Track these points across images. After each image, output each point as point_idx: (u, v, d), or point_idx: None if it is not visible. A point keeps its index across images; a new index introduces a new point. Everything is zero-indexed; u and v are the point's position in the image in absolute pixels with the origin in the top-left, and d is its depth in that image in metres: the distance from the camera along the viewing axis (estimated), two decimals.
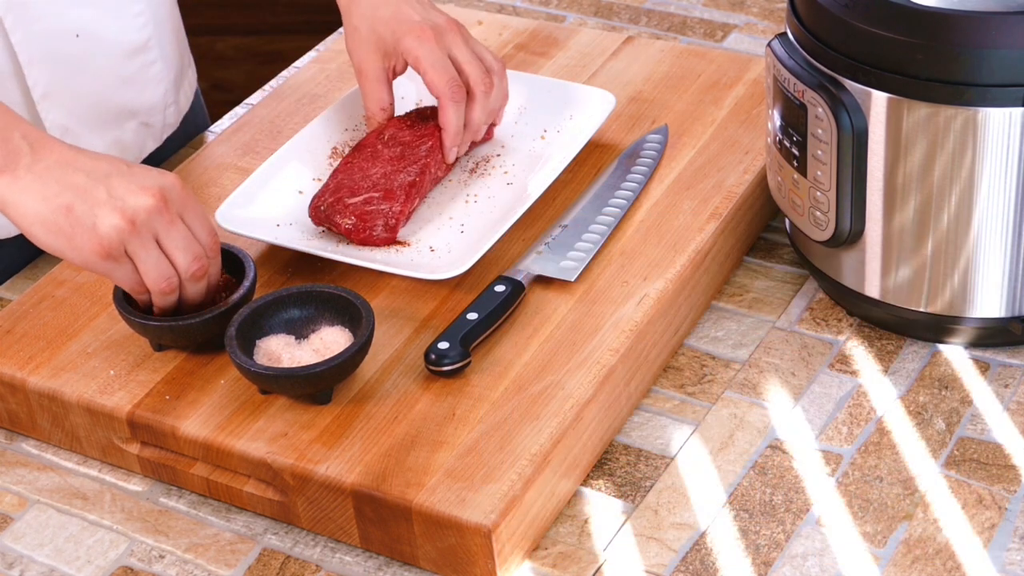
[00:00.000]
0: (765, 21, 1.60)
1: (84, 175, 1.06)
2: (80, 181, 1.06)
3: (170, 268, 1.08)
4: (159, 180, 1.08)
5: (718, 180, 1.26)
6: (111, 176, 1.06)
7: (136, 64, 1.35)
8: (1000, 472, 1.07)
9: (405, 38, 1.24)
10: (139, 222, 1.06)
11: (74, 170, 1.06)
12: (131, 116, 1.37)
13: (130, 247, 1.06)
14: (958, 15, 1.04)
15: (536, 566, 1.04)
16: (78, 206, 1.05)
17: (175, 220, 1.08)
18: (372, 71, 1.27)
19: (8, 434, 1.18)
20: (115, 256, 1.06)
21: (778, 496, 1.07)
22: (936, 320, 1.15)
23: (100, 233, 1.05)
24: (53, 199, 1.05)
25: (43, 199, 1.05)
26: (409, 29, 1.24)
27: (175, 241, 1.08)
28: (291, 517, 1.08)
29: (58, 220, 1.05)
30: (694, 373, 1.17)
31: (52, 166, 1.06)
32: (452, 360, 1.09)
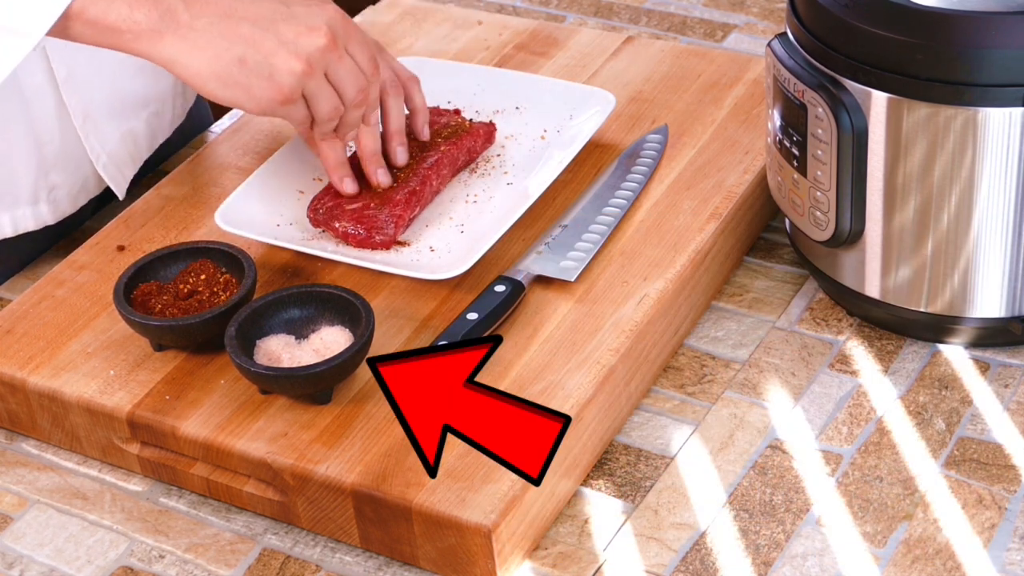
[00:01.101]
0: (765, 21, 1.60)
1: (249, 24, 1.06)
2: (247, 31, 1.06)
3: (338, 99, 1.10)
4: (323, 16, 1.09)
5: (718, 180, 1.26)
6: (276, 21, 1.07)
7: None
8: (1000, 472, 1.07)
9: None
10: (315, 63, 1.08)
11: (238, 20, 1.06)
12: (144, 106, 1.38)
13: (307, 88, 1.08)
14: (958, 15, 1.04)
15: (536, 566, 1.04)
16: (251, 57, 1.06)
17: (343, 55, 1.10)
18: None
19: (8, 434, 1.18)
20: (294, 99, 1.08)
21: (778, 496, 1.07)
22: (936, 320, 1.15)
23: (278, 80, 1.06)
24: (224, 53, 1.06)
25: (214, 55, 1.05)
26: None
27: (343, 74, 1.10)
28: (291, 517, 1.08)
29: (233, 73, 1.06)
30: (694, 373, 1.17)
31: (214, 20, 1.06)
32: None
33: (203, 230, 1.27)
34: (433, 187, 1.24)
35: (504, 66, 1.44)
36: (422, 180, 1.23)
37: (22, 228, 1.32)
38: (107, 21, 1.06)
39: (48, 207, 1.33)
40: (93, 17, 1.06)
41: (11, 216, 1.31)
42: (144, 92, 1.37)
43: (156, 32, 1.06)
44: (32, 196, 1.31)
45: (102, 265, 1.24)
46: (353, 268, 1.20)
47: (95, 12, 1.06)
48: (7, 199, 1.30)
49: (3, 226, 1.31)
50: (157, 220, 1.29)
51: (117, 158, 1.36)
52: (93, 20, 1.06)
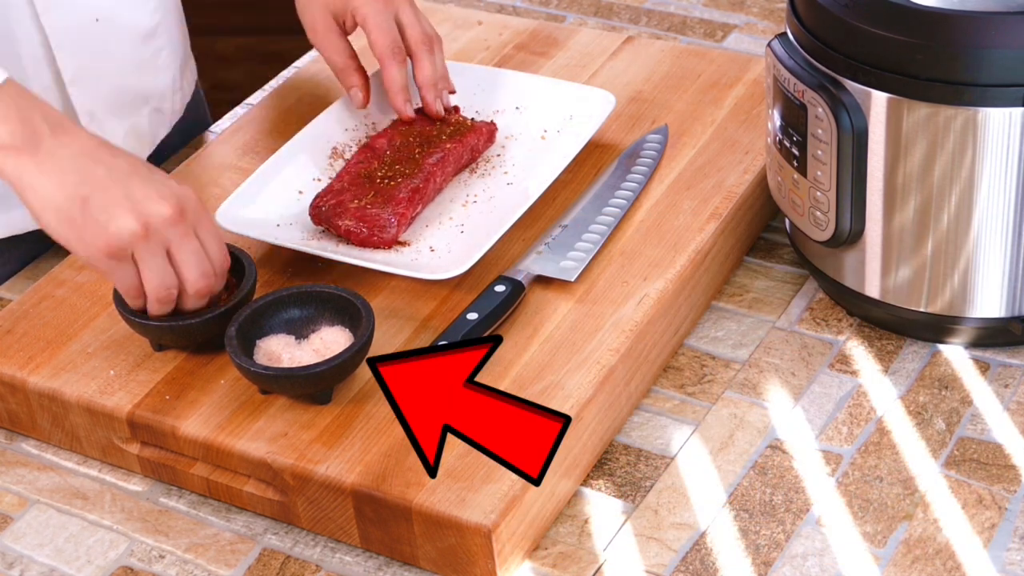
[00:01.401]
0: (765, 21, 1.60)
1: (105, 169, 1.06)
2: (100, 175, 1.05)
3: (173, 278, 1.08)
4: (178, 191, 1.07)
5: (718, 180, 1.26)
6: (132, 176, 1.06)
7: (149, 49, 1.36)
8: (1000, 472, 1.07)
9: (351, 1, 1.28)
10: (152, 229, 1.05)
11: (95, 162, 1.06)
12: (145, 102, 1.38)
13: (138, 252, 1.06)
14: (958, 15, 1.04)
15: (536, 566, 1.04)
16: (95, 200, 1.05)
17: (189, 233, 1.07)
18: (323, 25, 1.30)
19: (8, 434, 1.18)
20: (121, 257, 1.06)
21: (778, 496, 1.07)
22: (936, 320, 1.15)
23: (111, 232, 1.05)
24: (71, 188, 1.05)
25: (60, 187, 1.05)
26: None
27: (186, 255, 1.07)
28: (291, 517, 1.08)
29: (72, 210, 1.05)
30: (694, 373, 1.17)
31: (75, 154, 1.06)
32: None
33: None
34: (436, 185, 1.24)
35: (504, 66, 1.43)
36: (426, 177, 1.23)
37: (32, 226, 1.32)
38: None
39: None
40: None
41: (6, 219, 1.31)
42: (145, 89, 1.38)
43: (15, 150, 1.04)
44: None
45: None
46: (353, 268, 1.20)
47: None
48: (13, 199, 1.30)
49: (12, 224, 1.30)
50: None
51: None
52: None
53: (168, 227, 1.06)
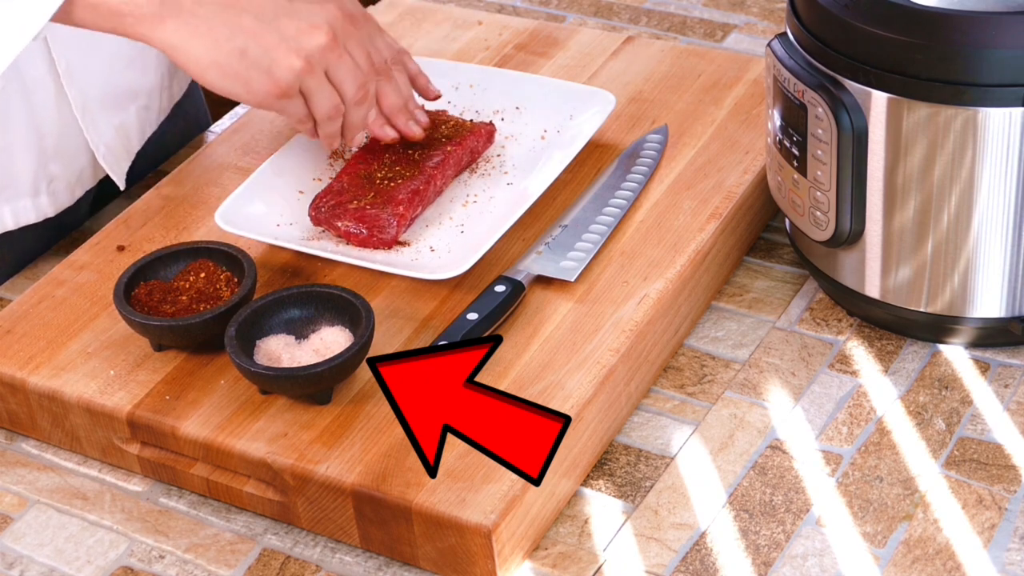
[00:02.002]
0: (765, 21, 1.60)
1: (252, 16, 1.07)
2: (249, 23, 1.06)
3: (338, 98, 1.11)
4: (325, 14, 1.09)
5: (718, 180, 1.26)
6: (279, 16, 1.08)
7: (137, 45, 1.36)
8: (1000, 472, 1.07)
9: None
10: (314, 61, 1.08)
11: (240, 11, 1.07)
12: (134, 98, 1.38)
13: (305, 85, 1.09)
14: (958, 15, 1.04)
15: (536, 566, 1.04)
16: (252, 49, 1.06)
17: (343, 53, 1.10)
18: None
19: (8, 434, 1.18)
20: (290, 94, 1.09)
21: (778, 496, 1.07)
22: (936, 320, 1.15)
23: (276, 76, 1.07)
24: (225, 43, 1.06)
25: (214, 43, 1.06)
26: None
27: (343, 73, 1.10)
28: (291, 517, 1.08)
29: (232, 64, 1.06)
30: (694, 373, 1.17)
31: (217, 8, 1.06)
32: None
33: (203, 230, 1.27)
34: (437, 187, 1.24)
35: (504, 66, 1.43)
36: (427, 179, 1.23)
37: (23, 221, 1.32)
38: (109, 5, 1.06)
39: (48, 199, 1.33)
40: (95, 1, 1.06)
41: (12, 208, 1.31)
42: (134, 85, 1.38)
43: (158, 17, 1.06)
44: (33, 188, 1.31)
45: (102, 265, 1.24)
46: (353, 268, 1.20)
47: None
48: (8, 191, 1.30)
49: (4, 219, 1.31)
50: (157, 220, 1.29)
51: (114, 150, 1.37)
52: (95, 3, 1.06)
53: (326, 55, 1.09)
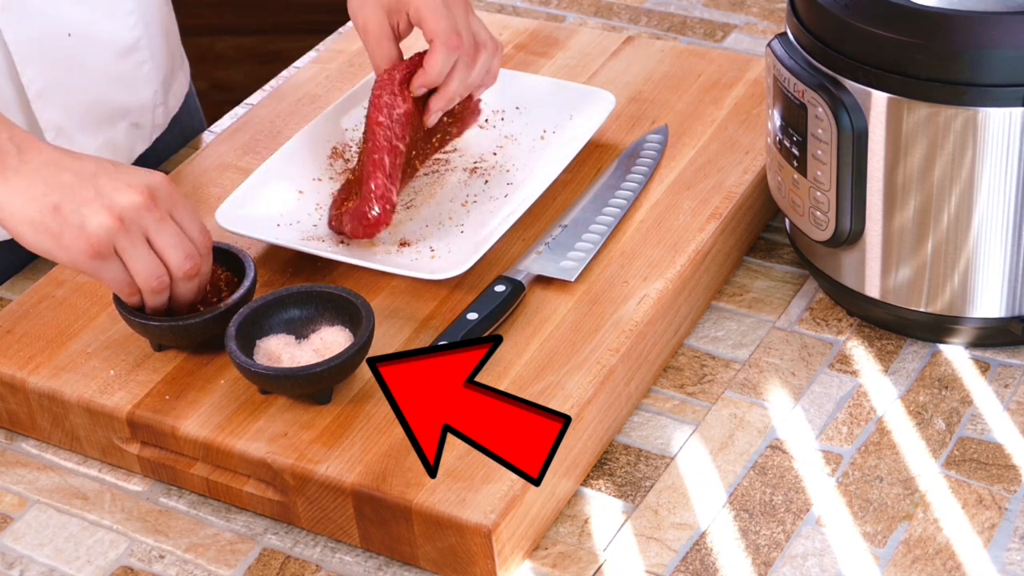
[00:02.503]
0: (765, 21, 1.60)
1: (71, 174, 1.06)
2: (67, 180, 1.06)
3: (161, 266, 1.08)
4: (146, 178, 1.07)
5: (718, 180, 1.26)
6: (98, 175, 1.06)
7: (127, 64, 1.35)
8: (1000, 472, 1.07)
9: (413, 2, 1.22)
10: (128, 219, 1.05)
11: (61, 169, 1.06)
12: (122, 116, 1.37)
13: (119, 245, 1.06)
14: (958, 15, 1.04)
15: (536, 566, 1.04)
16: (66, 205, 1.05)
17: (165, 218, 1.07)
18: (376, 28, 1.24)
19: (8, 434, 1.18)
20: (104, 255, 1.06)
21: (778, 496, 1.07)
22: (936, 320, 1.15)
23: (89, 232, 1.05)
24: (41, 199, 1.05)
25: (31, 199, 1.05)
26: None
27: (166, 239, 1.07)
28: (291, 517, 1.08)
29: (46, 220, 1.05)
30: (694, 373, 1.17)
31: (39, 167, 1.06)
32: None
33: None
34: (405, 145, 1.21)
35: (504, 66, 1.43)
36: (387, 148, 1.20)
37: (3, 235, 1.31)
38: None
39: None
40: None
41: None
42: (122, 104, 1.36)
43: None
44: None
45: None
46: (353, 268, 1.20)
47: None
48: None
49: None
50: None
51: None
52: None
53: (143, 214, 1.06)
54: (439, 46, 1.20)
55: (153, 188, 1.07)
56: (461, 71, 1.22)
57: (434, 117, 1.23)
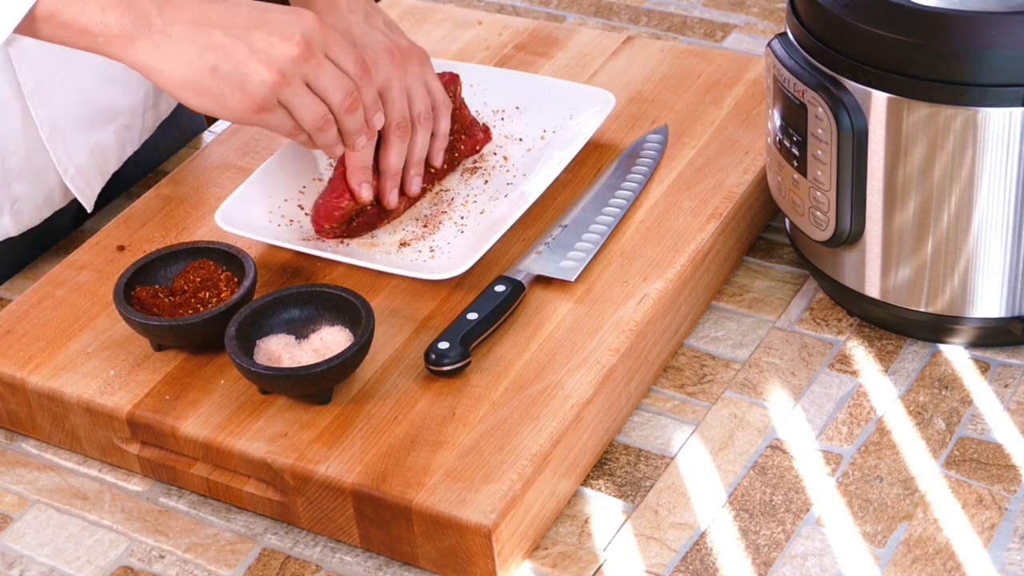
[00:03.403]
0: (765, 21, 1.60)
1: (222, 32, 1.06)
2: (219, 39, 1.06)
3: (323, 107, 1.10)
4: (298, 24, 1.08)
5: (718, 180, 1.26)
6: (249, 29, 1.06)
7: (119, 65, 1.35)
8: (1000, 472, 1.07)
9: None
10: (288, 72, 1.07)
11: (210, 27, 1.06)
12: (113, 118, 1.36)
13: (283, 97, 1.07)
14: (958, 15, 1.04)
15: (536, 566, 1.04)
16: (223, 65, 1.05)
17: (322, 62, 1.08)
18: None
19: (8, 434, 1.18)
20: (269, 108, 1.07)
21: (778, 496, 1.07)
22: (936, 320, 1.15)
23: (250, 90, 1.06)
24: (196, 61, 1.05)
25: (186, 63, 1.05)
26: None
27: (324, 81, 1.09)
28: (291, 517, 1.08)
29: (204, 81, 1.05)
30: (694, 373, 1.17)
31: (187, 26, 1.06)
32: (452, 360, 1.09)
33: (203, 230, 1.27)
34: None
35: (504, 66, 1.43)
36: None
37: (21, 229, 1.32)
38: (79, 24, 1.05)
39: (11, 219, 1.31)
40: (66, 20, 1.05)
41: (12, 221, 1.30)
42: (114, 104, 1.36)
43: (128, 37, 1.05)
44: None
45: (102, 265, 1.24)
46: (353, 268, 1.20)
47: (67, 15, 1.05)
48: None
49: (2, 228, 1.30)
50: (157, 220, 1.29)
51: (85, 171, 1.34)
52: (66, 23, 1.05)
53: (300, 64, 1.07)
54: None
55: (307, 36, 1.07)
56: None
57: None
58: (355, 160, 1.18)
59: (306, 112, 1.09)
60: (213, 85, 1.06)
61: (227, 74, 1.05)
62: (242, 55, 1.05)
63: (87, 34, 1.05)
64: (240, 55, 1.05)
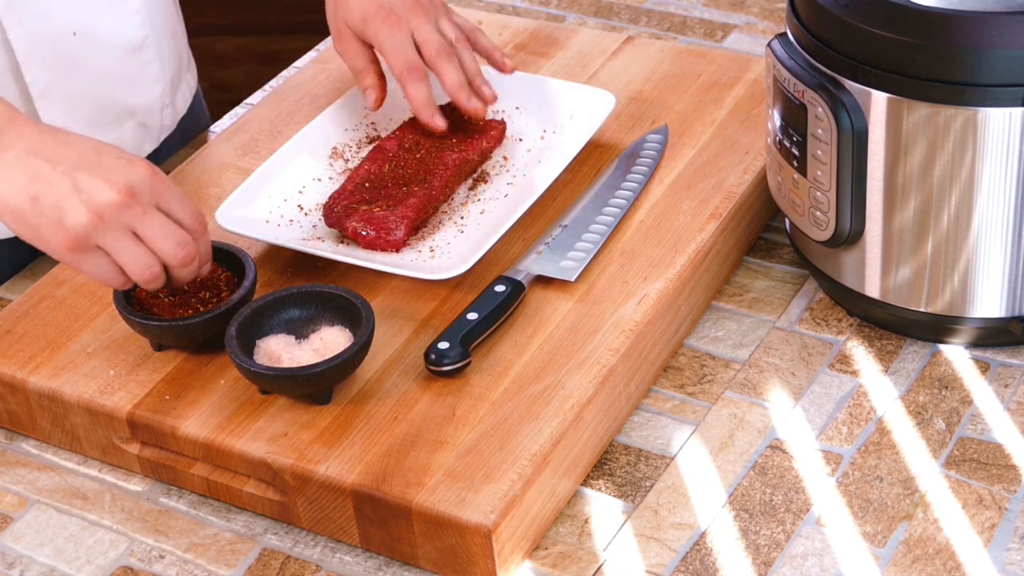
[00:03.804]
0: (765, 21, 1.60)
1: (51, 166, 1.05)
2: (46, 172, 1.05)
3: (150, 257, 1.07)
4: (127, 175, 1.05)
5: (718, 180, 1.26)
6: (78, 168, 1.05)
7: (134, 63, 1.35)
8: (1000, 472, 1.07)
9: (370, 23, 1.27)
10: (107, 217, 1.05)
11: (42, 160, 1.05)
12: (129, 116, 1.37)
13: (102, 241, 1.05)
14: (958, 15, 1.04)
15: (536, 566, 1.04)
16: (44, 198, 1.04)
17: (149, 210, 1.06)
18: (348, 35, 1.29)
19: (8, 434, 1.18)
20: (84, 248, 1.05)
21: (778, 496, 1.07)
22: (936, 320, 1.15)
23: (66, 225, 1.04)
24: (21, 189, 1.05)
25: (11, 189, 1.05)
26: (374, 13, 1.26)
27: (153, 231, 1.06)
28: (291, 517, 1.08)
29: (25, 210, 1.05)
30: (694, 373, 1.17)
31: (21, 154, 1.05)
32: (452, 360, 1.09)
33: None
34: (448, 192, 1.24)
35: None
36: (441, 186, 1.22)
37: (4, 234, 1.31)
38: None
39: None
40: None
41: None
42: (128, 103, 1.36)
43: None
44: None
45: None
46: (353, 268, 1.20)
47: None
48: None
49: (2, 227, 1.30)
50: None
51: None
52: None
53: (123, 212, 1.05)
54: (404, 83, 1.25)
55: (133, 185, 1.05)
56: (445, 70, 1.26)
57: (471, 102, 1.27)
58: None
59: (129, 258, 1.06)
60: (32, 215, 1.05)
61: (47, 207, 1.04)
62: (65, 191, 1.04)
63: None
64: (63, 191, 1.04)
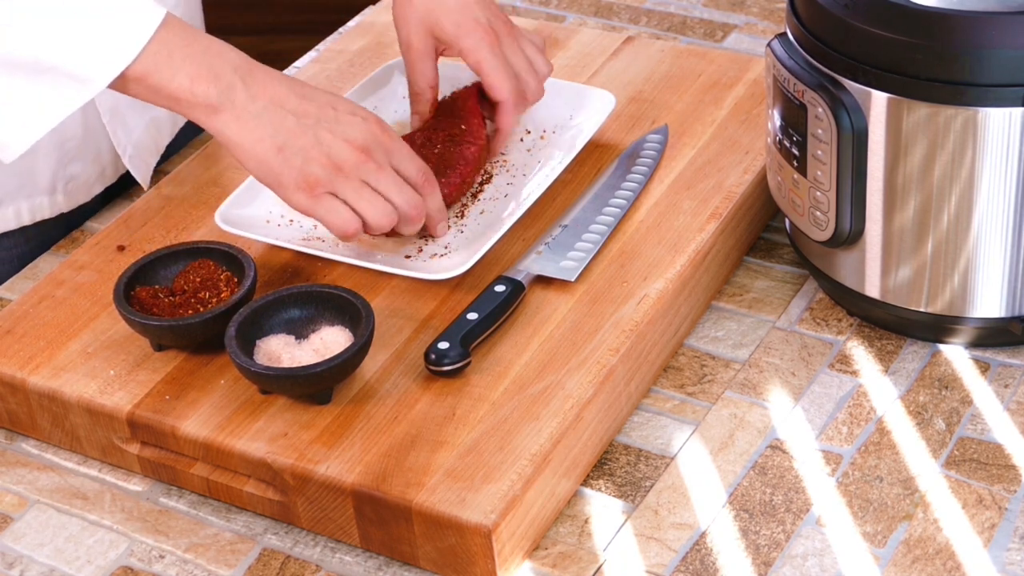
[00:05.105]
0: (765, 21, 1.60)
1: (295, 119, 1.12)
2: (291, 124, 1.12)
3: (387, 206, 1.14)
4: (363, 133, 1.13)
5: (718, 180, 1.26)
6: (319, 123, 1.12)
7: None
8: (1000, 472, 1.07)
9: (467, 37, 1.26)
10: (346, 169, 1.12)
11: (286, 112, 1.12)
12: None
13: (340, 189, 1.12)
14: (958, 15, 1.04)
15: (536, 566, 1.04)
16: (288, 148, 1.12)
17: (382, 167, 1.14)
18: (420, 46, 1.29)
19: (8, 434, 1.18)
20: (319, 191, 1.12)
21: (778, 496, 1.07)
22: (936, 320, 1.15)
23: (307, 171, 1.12)
24: (267, 139, 1.11)
25: (258, 138, 1.11)
26: (472, 29, 1.26)
27: (385, 187, 1.14)
28: (291, 517, 1.08)
29: (269, 157, 1.12)
30: (694, 373, 1.17)
31: (267, 105, 1.12)
32: (452, 360, 1.09)
33: (203, 230, 1.27)
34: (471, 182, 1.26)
35: None
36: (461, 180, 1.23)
37: (39, 216, 1.35)
38: (168, 90, 1.10)
39: (64, 197, 1.36)
40: (155, 84, 1.10)
41: (29, 205, 1.34)
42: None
43: (212, 108, 1.11)
44: (50, 187, 1.34)
45: (102, 265, 1.24)
46: (353, 268, 1.20)
47: (158, 80, 1.10)
48: (26, 189, 1.33)
49: (21, 215, 1.33)
50: (157, 220, 1.29)
51: (142, 147, 1.38)
52: (155, 86, 1.10)
53: (359, 167, 1.12)
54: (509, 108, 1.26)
55: (368, 145, 1.13)
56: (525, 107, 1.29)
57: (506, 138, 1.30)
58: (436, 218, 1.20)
59: (367, 206, 1.13)
60: (276, 163, 1.12)
61: (290, 154, 1.12)
62: (308, 143, 1.12)
63: (174, 99, 1.11)
64: (305, 143, 1.12)
